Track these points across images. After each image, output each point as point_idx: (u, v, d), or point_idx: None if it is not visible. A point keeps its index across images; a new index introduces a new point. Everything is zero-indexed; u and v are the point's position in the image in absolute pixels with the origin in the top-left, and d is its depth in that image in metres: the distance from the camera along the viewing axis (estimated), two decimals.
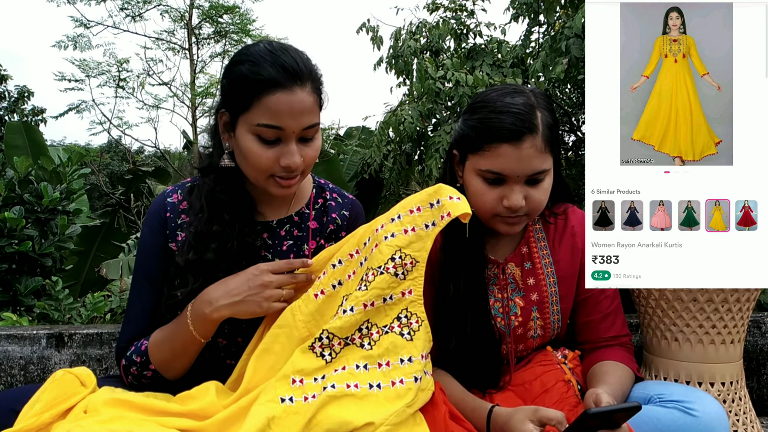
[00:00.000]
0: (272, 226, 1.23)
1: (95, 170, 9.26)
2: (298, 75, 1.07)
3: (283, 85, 1.05)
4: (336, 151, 5.43)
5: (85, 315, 2.47)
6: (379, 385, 0.99)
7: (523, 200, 1.13)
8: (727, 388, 1.36)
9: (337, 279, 1.10)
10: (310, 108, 1.08)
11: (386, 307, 1.05)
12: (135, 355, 1.14)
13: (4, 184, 2.80)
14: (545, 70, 2.52)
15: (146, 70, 11.16)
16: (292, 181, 1.12)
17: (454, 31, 3.28)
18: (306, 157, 1.11)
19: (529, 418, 0.99)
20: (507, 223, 1.18)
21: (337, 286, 1.09)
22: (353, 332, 1.03)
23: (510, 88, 1.19)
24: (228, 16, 11.24)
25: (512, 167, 1.12)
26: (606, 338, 1.27)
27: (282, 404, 0.95)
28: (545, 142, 1.12)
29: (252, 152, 1.08)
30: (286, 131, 1.07)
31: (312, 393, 0.97)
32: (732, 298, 1.34)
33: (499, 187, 1.15)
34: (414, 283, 1.05)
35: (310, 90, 1.08)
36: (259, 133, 1.07)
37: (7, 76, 11.50)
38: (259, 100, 1.05)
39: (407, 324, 1.04)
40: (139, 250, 1.22)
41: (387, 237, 1.06)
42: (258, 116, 1.06)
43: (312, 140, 1.12)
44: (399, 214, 1.08)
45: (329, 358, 1.02)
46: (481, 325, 1.21)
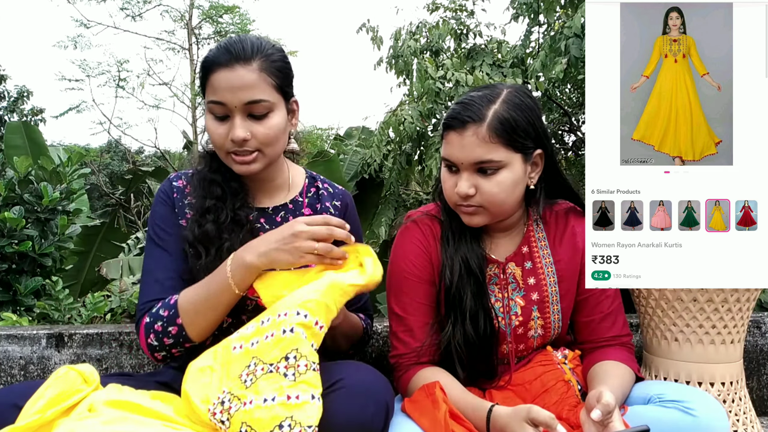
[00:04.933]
0: (268, 212, 1.30)
1: (95, 170, 9.26)
2: (240, 54, 1.15)
3: (223, 64, 1.15)
4: (336, 151, 5.42)
5: (85, 315, 2.47)
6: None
7: (472, 189, 1.16)
8: (727, 388, 1.36)
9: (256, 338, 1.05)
10: (251, 84, 1.15)
11: (311, 405, 0.95)
12: (162, 310, 1.15)
13: (4, 184, 2.80)
14: (545, 69, 2.52)
15: (146, 70, 11.17)
16: (246, 157, 1.18)
17: (454, 31, 3.28)
18: (257, 134, 1.16)
19: (524, 420, 0.99)
20: (463, 213, 1.21)
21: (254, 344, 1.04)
22: (272, 428, 0.92)
23: (488, 86, 1.22)
24: (228, 16, 11.26)
25: (456, 154, 1.16)
26: (607, 338, 1.27)
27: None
28: (492, 133, 1.13)
29: (209, 129, 1.19)
30: (228, 106, 1.15)
31: None
32: (732, 298, 1.34)
33: (454, 175, 1.19)
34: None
35: (254, 68, 1.15)
36: (212, 111, 1.18)
37: (6, 76, 11.51)
38: (208, 80, 1.17)
39: None
40: (152, 223, 1.28)
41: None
42: (209, 94, 1.17)
43: (264, 118, 1.18)
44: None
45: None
46: (481, 325, 1.21)
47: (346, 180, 4.38)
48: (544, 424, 0.96)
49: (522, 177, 1.19)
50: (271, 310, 1.05)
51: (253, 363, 1.00)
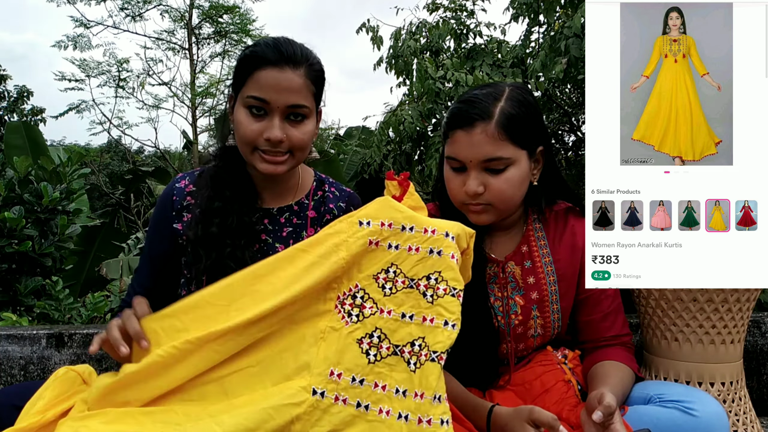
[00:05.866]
0: (272, 213, 1.30)
1: (95, 170, 9.26)
2: (291, 57, 1.16)
3: (274, 63, 1.15)
4: (336, 151, 5.42)
5: (85, 315, 2.47)
6: (407, 417, 0.90)
7: (481, 187, 1.16)
8: (727, 388, 1.36)
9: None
10: (297, 88, 1.16)
11: (443, 331, 0.95)
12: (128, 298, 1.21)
13: (4, 184, 2.80)
14: (545, 69, 2.52)
15: (146, 70, 11.17)
16: (276, 157, 1.17)
17: (454, 31, 3.28)
18: (292, 137, 1.17)
19: (526, 420, 0.99)
20: (471, 212, 1.21)
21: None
22: (405, 343, 0.95)
23: (489, 84, 1.23)
24: (228, 16, 11.25)
25: (465, 152, 1.15)
26: (606, 338, 1.27)
27: (312, 397, 0.91)
28: (501, 130, 1.13)
29: (241, 123, 1.17)
30: (271, 105, 1.15)
31: (344, 396, 0.92)
32: (732, 298, 1.34)
33: (462, 174, 1.19)
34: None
35: (302, 74, 1.17)
36: (249, 105, 1.16)
37: (6, 76, 11.50)
38: (252, 75, 1.16)
39: (444, 359, 0.95)
40: (148, 227, 1.35)
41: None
42: (249, 89, 1.16)
43: (300, 123, 1.19)
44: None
45: (373, 360, 0.94)
46: (481, 324, 1.21)
47: (347, 180, 4.38)
48: (547, 425, 0.96)
49: (527, 174, 1.20)
50: (415, 221, 1.03)
51: (392, 271, 1.00)
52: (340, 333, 0.97)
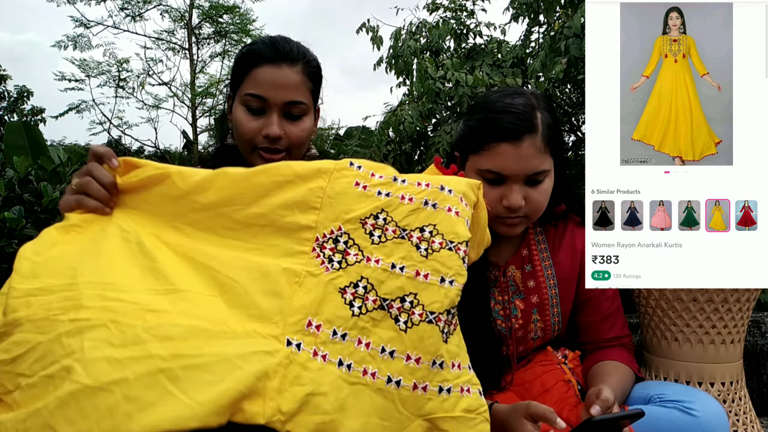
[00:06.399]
0: None
1: None
2: (288, 55, 1.17)
3: (271, 60, 1.16)
4: (336, 151, 5.42)
5: None
6: (399, 383, 0.79)
7: (523, 200, 1.14)
8: (727, 388, 1.36)
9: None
10: (295, 85, 1.17)
11: (439, 289, 0.85)
12: None
13: (4, 184, 2.80)
14: (545, 69, 2.52)
15: (146, 70, 11.17)
16: (275, 155, 1.18)
17: (454, 31, 3.28)
18: (290, 134, 1.18)
19: (523, 415, 0.99)
20: (507, 225, 1.18)
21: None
22: (394, 297, 0.84)
23: (511, 90, 1.21)
24: (228, 16, 11.25)
25: (512, 167, 1.12)
26: (607, 339, 1.27)
27: (287, 348, 0.78)
28: (545, 142, 1.12)
29: (239, 121, 1.18)
30: (269, 102, 1.16)
31: (323, 351, 0.79)
32: (732, 298, 1.34)
33: (499, 187, 1.15)
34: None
35: (299, 70, 1.18)
36: (247, 103, 1.17)
37: (6, 76, 11.50)
38: (250, 73, 1.17)
39: (450, 321, 0.85)
40: None
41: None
42: (247, 86, 1.17)
43: (298, 120, 1.19)
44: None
45: (358, 312, 0.82)
46: (482, 328, 1.21)
47: None
48: (543, 417, 0.96)
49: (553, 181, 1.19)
50: (407, 176, 0.96)
51: (382, 218, 0.90)
52: (319, 279, 0.84)
